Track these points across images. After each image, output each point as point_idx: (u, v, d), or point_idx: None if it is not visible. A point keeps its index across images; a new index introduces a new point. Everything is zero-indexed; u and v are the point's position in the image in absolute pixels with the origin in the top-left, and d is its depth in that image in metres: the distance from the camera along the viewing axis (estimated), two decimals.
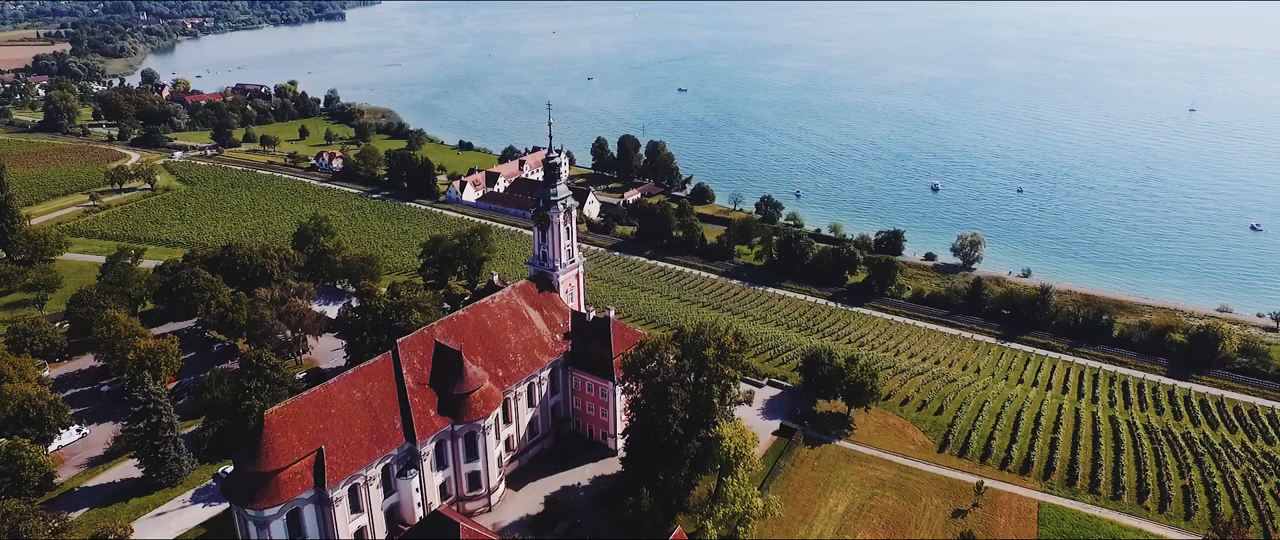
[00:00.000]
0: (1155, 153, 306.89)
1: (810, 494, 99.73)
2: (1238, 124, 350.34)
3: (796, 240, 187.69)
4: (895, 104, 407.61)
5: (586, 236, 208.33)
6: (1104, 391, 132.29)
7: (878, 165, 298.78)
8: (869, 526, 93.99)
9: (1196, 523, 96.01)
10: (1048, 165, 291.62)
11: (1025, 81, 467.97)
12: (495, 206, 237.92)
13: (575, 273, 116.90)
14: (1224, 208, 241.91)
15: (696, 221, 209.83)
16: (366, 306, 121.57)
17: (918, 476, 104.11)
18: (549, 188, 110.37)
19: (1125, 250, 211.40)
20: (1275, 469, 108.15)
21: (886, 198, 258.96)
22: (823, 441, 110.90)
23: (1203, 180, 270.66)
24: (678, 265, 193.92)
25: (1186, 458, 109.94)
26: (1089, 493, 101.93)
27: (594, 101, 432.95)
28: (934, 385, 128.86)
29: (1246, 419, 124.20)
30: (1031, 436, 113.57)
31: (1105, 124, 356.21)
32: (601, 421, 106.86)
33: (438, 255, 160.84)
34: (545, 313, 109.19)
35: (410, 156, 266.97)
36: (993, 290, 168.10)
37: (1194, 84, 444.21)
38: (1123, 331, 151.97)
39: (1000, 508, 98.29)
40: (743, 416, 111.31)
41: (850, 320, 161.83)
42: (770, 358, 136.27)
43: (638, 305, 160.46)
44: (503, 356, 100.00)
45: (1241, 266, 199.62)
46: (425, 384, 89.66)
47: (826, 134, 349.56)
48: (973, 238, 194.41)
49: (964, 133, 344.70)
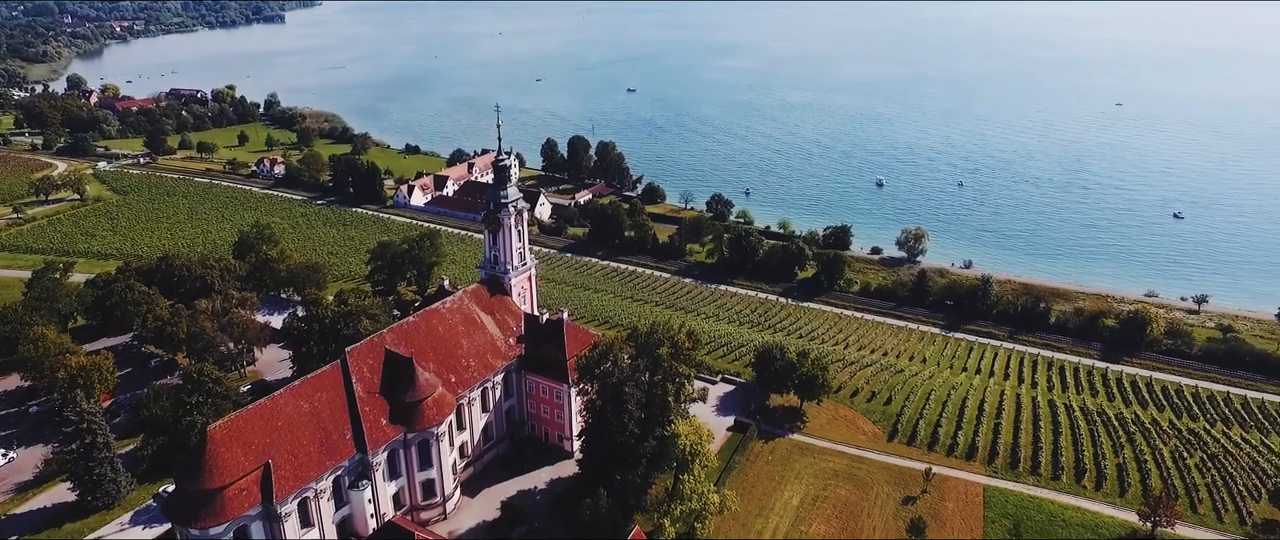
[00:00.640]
0: (1085, 146, 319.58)
1: (765, 487, 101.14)
2: (1161, 117, 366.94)
3: (747, 238, 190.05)
4: (841, 102, 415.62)
5: (538, 238, 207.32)
6: (1043, 376, 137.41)
7: (825, 162, 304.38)
8: (823, 517, 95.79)
9: (1130, 498, 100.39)
10: (986, 160, 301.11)
11: (965, 79, 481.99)
12: (444, 210, 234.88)
13: (527, 275, 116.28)
14: (1149, 197, 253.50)
15: (648, 221, 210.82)
16: (313, 315, 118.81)
17: (869, 466, 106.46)
18: (499, 190, 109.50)
19: (1060, 240, 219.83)
20: (1199, 445, 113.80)
21: (833, 194, 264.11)
22: (776, 435, 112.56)
23: (1129, 172, 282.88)
24: (630, 265, 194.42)
25: (1120, 437, 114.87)
26: (1031, 474, 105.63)
27: (543, 103, 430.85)
28: (883, 376, 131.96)
29: (1173, 398, 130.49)
30: (976, 422, 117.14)
31: (1039, 119, 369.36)
32: (557, 424, 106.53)
33: (386, 261, 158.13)
34: (498, 316, 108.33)
35: (355, 161, 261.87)
36: (937, 282, 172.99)
37: (1121, 79, 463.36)
38: (1059, 318, 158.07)
39: (948, 492, 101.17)
40: (698, 414, 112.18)
41: (801, 315, 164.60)
42: (724, 355, 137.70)
43: (591, 306, 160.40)
44: (455, 362, 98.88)
45: (1166, 253, 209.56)
46: (376, 392, 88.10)
47: (774, 132, 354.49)
48: (917, 231, 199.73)
49: (907, 129, 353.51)
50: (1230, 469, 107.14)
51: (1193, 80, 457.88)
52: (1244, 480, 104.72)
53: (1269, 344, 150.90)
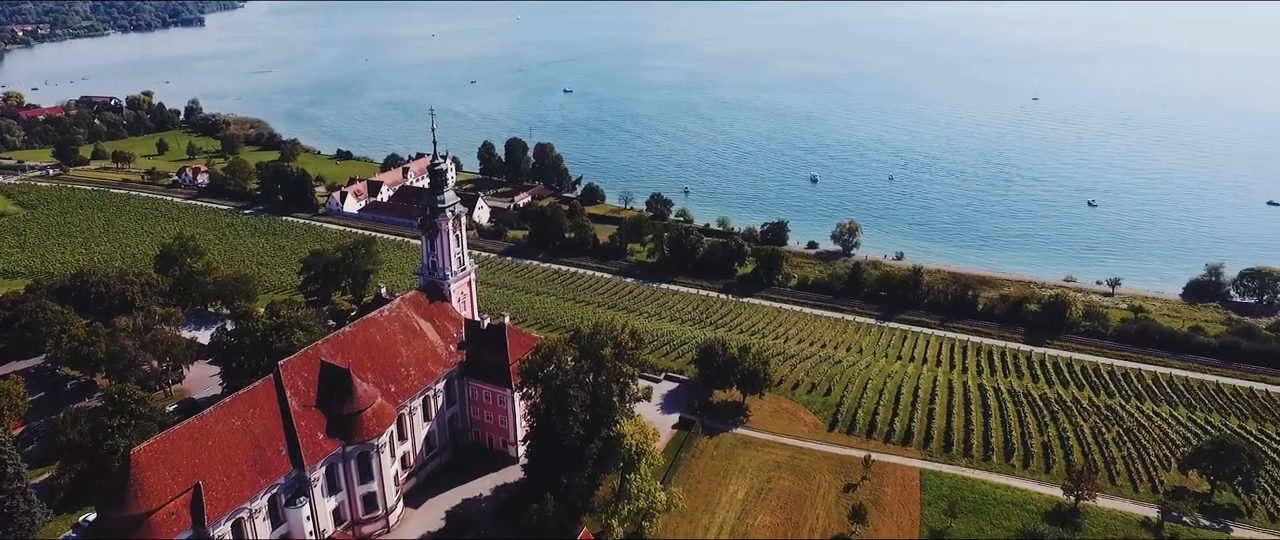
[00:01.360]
0: (1006, 139, 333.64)
1: (711, 483, 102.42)
2: (1075, 111, 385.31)
3: (687, 236, 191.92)
4: (774, 100, 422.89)
5: (477, 243, 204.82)
6: (972, 362, 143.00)
7: (760, 159, 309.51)
8: (768, 509, 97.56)
9: (1055, 474, 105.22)
10: (914, 154, 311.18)
11: (892, 76, 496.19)
12: (380, 217, 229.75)
13: (467, 280, 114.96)
14: (1066, 187, 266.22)
15: (588, 222, 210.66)
16: (243, 329, 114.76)
17: (811, 456, 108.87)
18: (436, 195, 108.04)
19: (985, 230, 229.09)
20: (1115, 420, 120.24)
21: (770, 191, 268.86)
22: (721, 430, 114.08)
23: (1047, 163, 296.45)
24: (571, 267, 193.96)
25: (1044, 416, 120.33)
26: (964, 456, 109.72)
27: (479, 105, 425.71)
28: (822, 368, 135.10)
29: (1091, 377, 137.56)
30: (911, 409, 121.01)
31: (962, 114, 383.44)
32: (501, 430, 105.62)
33: (319, 270, 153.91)
34: (437, 323, 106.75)
35: (284, 168, 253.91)
36: (871, 274, 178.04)
37: (1037, 75, 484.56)
38: (986, 305, 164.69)
39: (887, 478, 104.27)
40: (643, 413, 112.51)
41: (741, 311, 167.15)
42: (667, 353, 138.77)
43: (533, 309, 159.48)
44: (394, 371, 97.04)
45: (1082, 240, 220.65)
46: (312, 406, 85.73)
47: (711, 131, 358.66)
48: (850, 225, 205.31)
49: (838, 126, 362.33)
50: (1143, 441, 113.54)
51: (1104, 76, 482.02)
52: (1156, 451, 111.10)
53: (1175, 322, 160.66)
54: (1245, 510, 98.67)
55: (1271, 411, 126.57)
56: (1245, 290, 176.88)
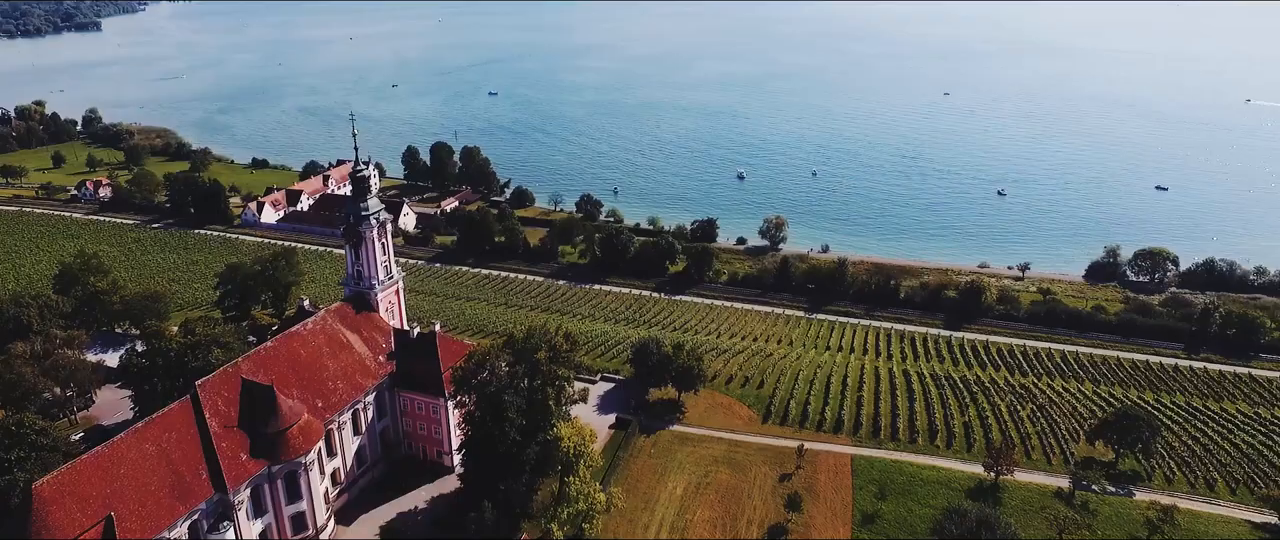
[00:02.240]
0: (920, 132, 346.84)
1: (650, 481, 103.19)
2: (983, 105, 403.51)
3: (618, 236, 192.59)
4: (699, 99, 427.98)
5: (404, 250, 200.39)
6: (896, 348, 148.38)
7: (688, 158, 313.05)
8: (706, 503, 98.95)
9: (976, 452, 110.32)
10: (835, 149, 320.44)
11: (812, 74, 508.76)
12: (300, 227, 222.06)
13: (394, 289, 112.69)
14: (977, 177, 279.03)
15: (518, 225, 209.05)
16: (155, 349, 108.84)
17: (747, 448, 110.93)
18: (359, 202, 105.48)
19: (904, 220, 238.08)
20: (1029, 397, 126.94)
21: (698, 188, 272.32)
22: (658, 428, 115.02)
23: (959, 155, 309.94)
24: (502, 271, 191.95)
25: (965, 398, 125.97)
26: (892, 440, 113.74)
27: (401, 109, 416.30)
28: (754, 361, 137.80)
29: (1006, 357, 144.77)
30: (841, 397, 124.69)
31: (879, 110, 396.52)
32: (435, 440, 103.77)
33: (237, 285, 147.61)
34: (365, 334, 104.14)
35: (195, 179, 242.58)
36: (798, 267, 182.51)
37: (946, 71, 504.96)
38: (907, 294, 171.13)
39: (820, 466, 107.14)
40: (579, 415, 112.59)
41: (674, 308, 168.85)
42: (602, 353, 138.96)
43: (464, 316, 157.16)
44: (321, 386, 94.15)
45: (994, 226, 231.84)
46: (233, 426, 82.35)
47: (638, 131, 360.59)
48: (777, 220, 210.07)
49: (762, 123, 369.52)
50: (1055, 416, 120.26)
51: (1008, 72, 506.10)
52: (1066, 425, 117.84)
53: (1080, 302, 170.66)
54: (1145, 475, 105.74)
55: (1165, 382, 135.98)
56: (1139, 270, 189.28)
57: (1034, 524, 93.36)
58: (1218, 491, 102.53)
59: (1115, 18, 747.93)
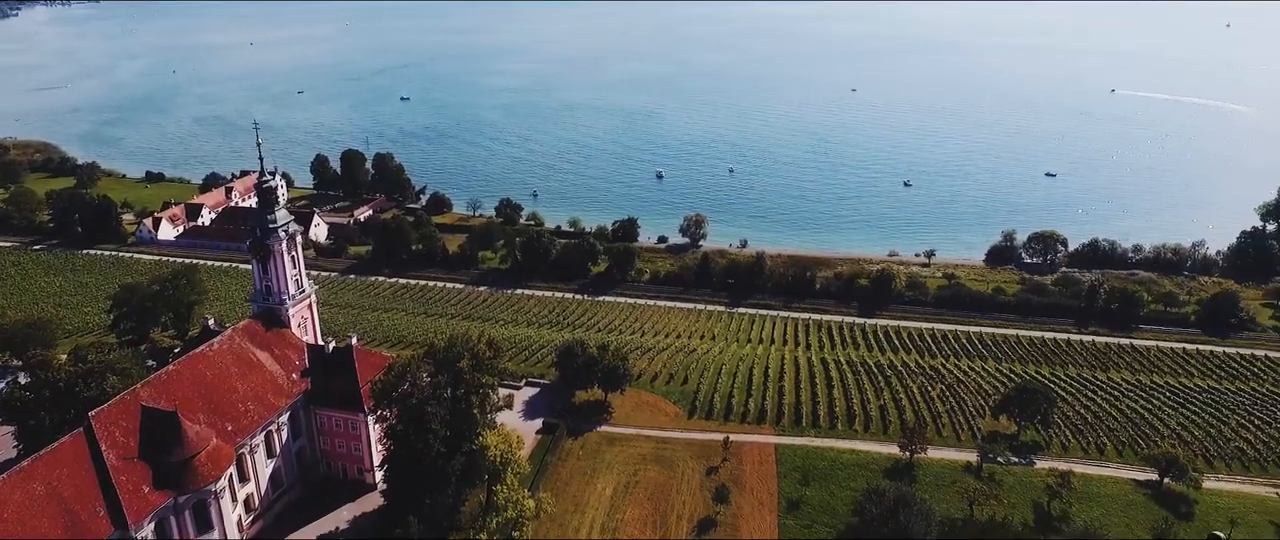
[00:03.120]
0: (830, 128, 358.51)
1: (579, 483, 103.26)
2: (888, 101, 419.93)
3: (539, 239, 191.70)
4: (615, 100, 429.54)
5: (315, 262, 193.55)
6: (814, 338, 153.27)
7: (607, 158, 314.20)
8: (636, 501, 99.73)
9: (892, 433, 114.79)
10: (750, 146, 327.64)
11: (724, 72, 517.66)
12: (202, 242, 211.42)
13: (307, 303, 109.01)
14: (884, 170, 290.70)
15: (436, 232, 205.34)
16: (41, 380, 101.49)
17: (674, 445, 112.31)
18: (266, 214, 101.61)
19: (818, 213, 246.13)
20: (938, 378, 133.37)
21: (619, 188, 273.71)
22: (585, 430, 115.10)
23: (867, 148, 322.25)
24: (421, 280, 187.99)
25: (879, 382, 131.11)
26: (813, 427, 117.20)
27: (309, 117, 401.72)
28: (679, 358, 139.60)
29: (916, 341, 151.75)
30: (763, 388, 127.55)
31: (790, 106, 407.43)
32: (355, 457, 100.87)
33: (133, 307, 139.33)
34: (277, 352, 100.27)
35: (82, 196, 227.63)
36: (718, 263, 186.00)
37: (852, 68, 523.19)
38: (823, 284, 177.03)
39: (745, 457, 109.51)
40: (505, 421, 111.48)
41: (598, 309, 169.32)
42: (526, 358, 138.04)
43: (382, 327, 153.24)
44: (230, 408, 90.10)
45: (901, 216, 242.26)
46: (134, 457, 77.85)
47: (557, 132, 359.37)
48: (697, 217, 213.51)
49: (679, 123, 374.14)
50: (962, 395, 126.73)
51: (910, 68, 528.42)
52: (973, 403, 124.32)
53: (981, 285, 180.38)
54: (1044, 444, 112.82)
55: (1059, 356, 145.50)
56: (1033, 252, 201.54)
57: (947, 498, 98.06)
58: (1107, 454, 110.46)
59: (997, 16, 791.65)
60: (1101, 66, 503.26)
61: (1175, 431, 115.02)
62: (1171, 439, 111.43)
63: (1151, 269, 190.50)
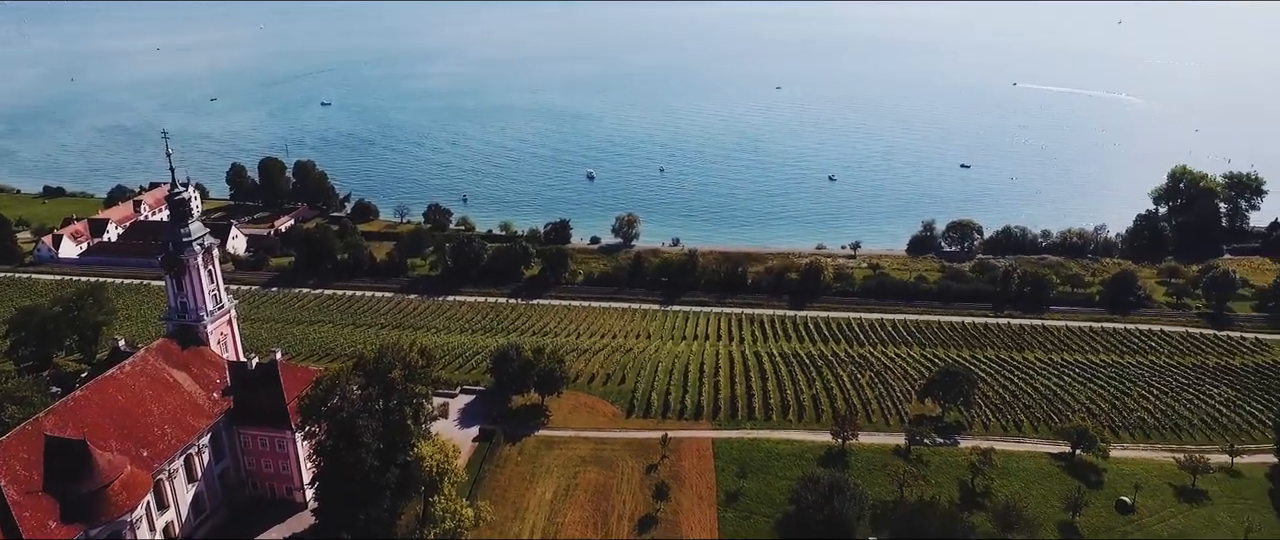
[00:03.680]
0: (757, 126, 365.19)
1: (519, 489, 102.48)
2: (813, 98, 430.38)
3: (470, 244, 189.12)
4: (546, 101, 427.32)
5: (235, 276, 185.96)
6: (747, 332, 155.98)
7: (537, 161, 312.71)
8: (576, 504, 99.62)
9: (824, 421, 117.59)
10: (680, 145, 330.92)
11: (653, 73, 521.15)
12: (108, 259, 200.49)
13: (227, 319, 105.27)
14: (810, 165, 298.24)
15: (362, 240, 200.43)
16: None
17: (613, 445, 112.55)
18: (179, 228, 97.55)
19: (747, 209, 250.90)
20: (867, 366, 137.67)
21: (550, 190, 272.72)
22: (523, 435, 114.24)
23: (793, 145, 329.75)
24: (348, 290, 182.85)
25: (811, 372, 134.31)
26: (749, 420, 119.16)
27: (223, 125, 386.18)
28: (615, 358, 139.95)
29: (845, 330, 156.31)
30: (699, 384, 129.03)
31: (717, 104, 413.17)
32: (284, 476, 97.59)
33: (33, 330, 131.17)
34: (195, 371, 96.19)
35: None
36: (651, 261, 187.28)
37: (777, 67, 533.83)
38: (754, 279, 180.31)
39: (683, 453, 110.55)
40: (441, 431, 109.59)
41: (532, 312, 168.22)
42: (460, 366, 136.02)
43: (308, 341, 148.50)
44: (146, 433, 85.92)
45: (827, 210, 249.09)
46: (38, 491, 73.44)
47: (485, 136, 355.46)
48: (629, 217, 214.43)
49: (609, 123, 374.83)
50: (890, 381, 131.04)
51: (831, 65, 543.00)
52: (900, 388, 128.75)
53: (904, 274, 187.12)
54: (967, 424, 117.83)
55: (978, 339, 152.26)
56: (952, 240, 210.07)
57: (878, 481, 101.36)
58: (1024, 431, 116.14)
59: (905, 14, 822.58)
60: (1003, 62, 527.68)
61: (1085, 405, 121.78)
62: (1081, 413, 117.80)
63: (1059, 253, 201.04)
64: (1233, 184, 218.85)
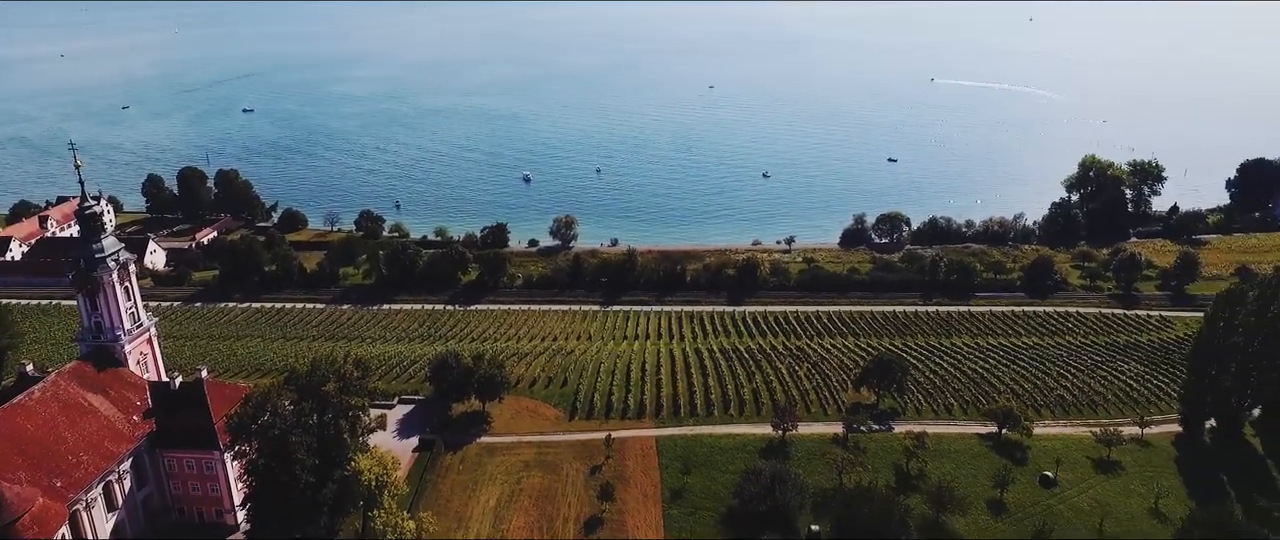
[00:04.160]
0: (691, 125, 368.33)
1: (462, 498, 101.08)
2: (745, 96, 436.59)
3: (404, 251, 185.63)
4: (479, 104, 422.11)
5: (154, 292, 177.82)
6: (687, 329, 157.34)
7: (472, 164, 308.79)
8: (521, 509, 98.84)
9: (765, 414, 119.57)
10: (616, 146, 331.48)
11: (586, 74, 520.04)
12: (12, 279, 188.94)
13: (146, 338, 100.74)
14: (744, 163, 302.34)
15: (291, 251, 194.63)
16: None
17: (556, 448, 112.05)
18: (90, 243, 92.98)
19: (684, 208, 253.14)
20: (805, 358, 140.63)
21: (485, 194, 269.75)
22: (464, 443, 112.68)
23: (727, 142, 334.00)
24: (277, 302, 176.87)
25: (751, 366, 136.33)
26: (690, 416, 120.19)
27: (137, 134, 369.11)
28: (556, 360, 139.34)
29: (782, 324, 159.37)
30: (641, 383, 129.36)
31: (651, 104, 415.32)
32: (213, 499, 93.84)
33: None
34: (112, 394, 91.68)
35: None
36: (590, 263, 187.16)
37: (710, 66, 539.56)
38: (693, 277, 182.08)
39: (627, 452, 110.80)
40: (379, 443, 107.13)
41: (470, 318, 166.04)
42: (398, 376, 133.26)
43: (236, 357, 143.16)
44: (59, 462, 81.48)
45: (762, 206, 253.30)
46: None
47: (418, 140, 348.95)
48: (567, 219, 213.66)
49: (544, 125, 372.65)
50: (827, 371, 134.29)
51: (763, 64, 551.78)
52: (836, 378, 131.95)
53: (837, 267, 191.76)
54: (901, 409, 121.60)
55: (909, 327, 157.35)
56: (882, 232, 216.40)
57: (818, 469, 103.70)
58: (954, 413, 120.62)
59: (832, 13, 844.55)
60: (921, 59, 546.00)
61: (1009, 387, 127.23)
62: (1006, 394, 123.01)
63: (982, 241, 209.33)
64: (1136, 171, 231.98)
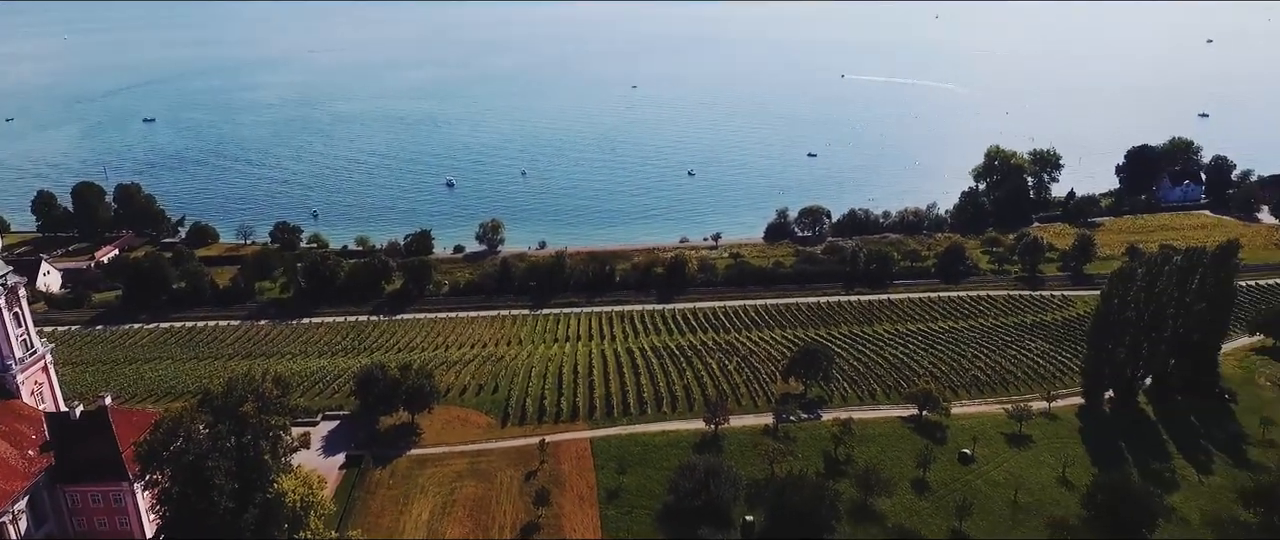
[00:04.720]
0: (616, 126, 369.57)
1: (393, 513, 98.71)
2: (668, 95, 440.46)
3: (324, 262, 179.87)
4: (397, 109, 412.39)
5: (49, 316, 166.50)
6: (618, 329, 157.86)
7: (392, 171, 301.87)
8: (455, 520, 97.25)
9: (697, 409, 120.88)
10: (541, 148, 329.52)
11: (509, 76, 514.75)
12: None
13: (41, 366, 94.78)
14: (669, 161, 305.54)
15: (201, 267, 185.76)
16: None
17: (490, 456, 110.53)
18: None
19: (611, 208, 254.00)
20: (734, 352, 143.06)
21: (407, 201, 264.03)
22: (393, 457, 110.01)
23: (651, 141, 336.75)
24: (187, 321, 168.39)
25: (682, 363, 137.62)
26: (624, 416, 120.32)
27: (24, 148, 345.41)
28: (487, 367, 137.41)
29: (711, 319, 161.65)
30: (573, 385, 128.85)
31: (576, 106, 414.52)
32: (123, 533, 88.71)
33: None
34: (4, 428, 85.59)
35: None
36: (518, 267, 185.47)
37: (632, 67, 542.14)
38: (622, 276, 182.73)
39: (562, 456, 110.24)
40: (304, 462, 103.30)
41: (396, 329, 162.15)
42: (321, 391, 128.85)
43: (144, 381, 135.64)
44: None
45: (688, 204, 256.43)
46: None
47: (334, 148, 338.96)
48: (493, 223, 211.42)
49: (465, 129, 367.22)
50: (756, 364, 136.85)
51: (686, 63, 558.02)
52: (765, 370, 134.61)
53: (763, 261, 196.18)
54: (827, 397, 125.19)
55: (833, 317, 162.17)
56: (804, 226, 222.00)
57: (751, 461, 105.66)
58: (878, 399, 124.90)
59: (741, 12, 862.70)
60: (831, 56, 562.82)
61: (928, 370, 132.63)
62: (925, 377, 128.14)
63: (898, 231, 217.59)
64: (1037, 160, 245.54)
